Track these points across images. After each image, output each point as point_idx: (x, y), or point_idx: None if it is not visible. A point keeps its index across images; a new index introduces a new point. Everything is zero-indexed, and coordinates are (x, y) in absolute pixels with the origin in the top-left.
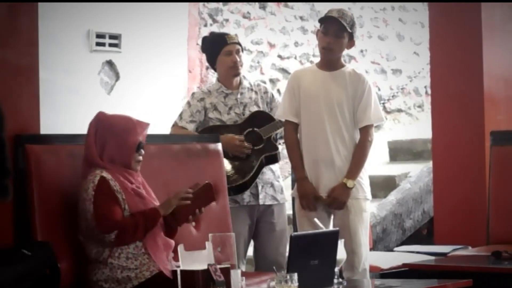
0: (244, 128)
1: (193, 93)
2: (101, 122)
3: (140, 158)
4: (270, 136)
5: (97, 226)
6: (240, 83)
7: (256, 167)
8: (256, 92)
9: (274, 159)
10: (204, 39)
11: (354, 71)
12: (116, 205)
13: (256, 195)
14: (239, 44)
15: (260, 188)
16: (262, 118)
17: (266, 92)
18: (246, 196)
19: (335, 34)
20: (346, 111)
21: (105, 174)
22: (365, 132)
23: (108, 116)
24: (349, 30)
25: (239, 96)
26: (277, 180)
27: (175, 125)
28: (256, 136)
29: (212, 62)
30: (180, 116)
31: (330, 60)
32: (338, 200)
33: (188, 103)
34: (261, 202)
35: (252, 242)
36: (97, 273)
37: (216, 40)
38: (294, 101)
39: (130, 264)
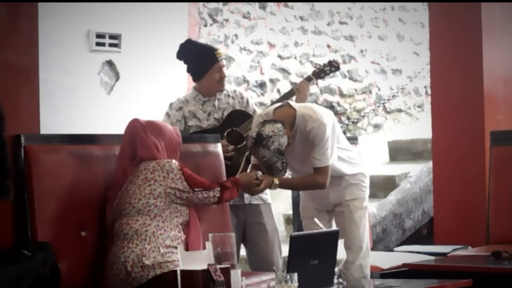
0: (224, 129)
1: (171, 104)
2: (145, 125)
3: None
4: None
5: (202, 186)
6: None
7: (242, 165)
8: (233, 98)
9: None
10: (186, 48)
11: (306, 122)
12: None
13: (241, 195)
14: (224, 58)
15: None
16: (239, 117)
17: (242, 97)
18: None
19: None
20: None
21: None
22: (317, 171)
23: (146, 120)
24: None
25: (216, 102)
26: None
27: None
28: (236, 135)
29: (198, 75)
30: None
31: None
32: (264, 186)
33: (167, 114)
34: (246, 201)
35: (244, 245)
36: (126, 251)
37: (205, 56)
38: None
39: (165, 251)
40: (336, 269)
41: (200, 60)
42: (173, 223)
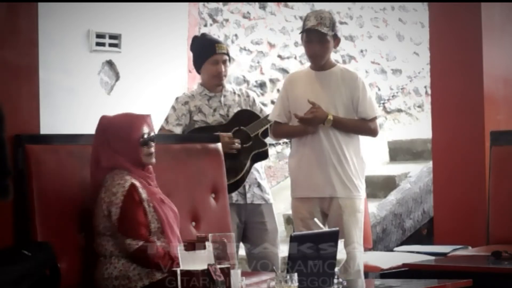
0: (230, 127)
1: (177, 98)
2: (106, 125)
3: (151, 150)
4: (257, 134)
5: (120, 231)
6: (223, 86)
7: (247, 165)
8: (239, 95)
9: (263, 155)
10: (194, 40)
11: (345, 69)
12: (144, 218)
13: (243, 194)
14: (227, 54)
15: (247, 187)
16: (246, 116)
17: (248, 96)
18: (234, 194)
19: (319, 41)
20: (340, 109)
21: (134, 181)
22: (372, 121)
23: (109, 118)
24: (331, 33)
25: (222, 98)
26: (262, 180)
27: (161, 129)
28: (243, 135)
29: (198, 66)
30: (166, 120)
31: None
32: (315, 115)
33: (173, 108)
34: (248, 201)
35: (244, 244)
36: (108, 268)
37: (205, 46)
38: (285, 104)
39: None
40: (336, 269)
41: (198, 51)
42: None
